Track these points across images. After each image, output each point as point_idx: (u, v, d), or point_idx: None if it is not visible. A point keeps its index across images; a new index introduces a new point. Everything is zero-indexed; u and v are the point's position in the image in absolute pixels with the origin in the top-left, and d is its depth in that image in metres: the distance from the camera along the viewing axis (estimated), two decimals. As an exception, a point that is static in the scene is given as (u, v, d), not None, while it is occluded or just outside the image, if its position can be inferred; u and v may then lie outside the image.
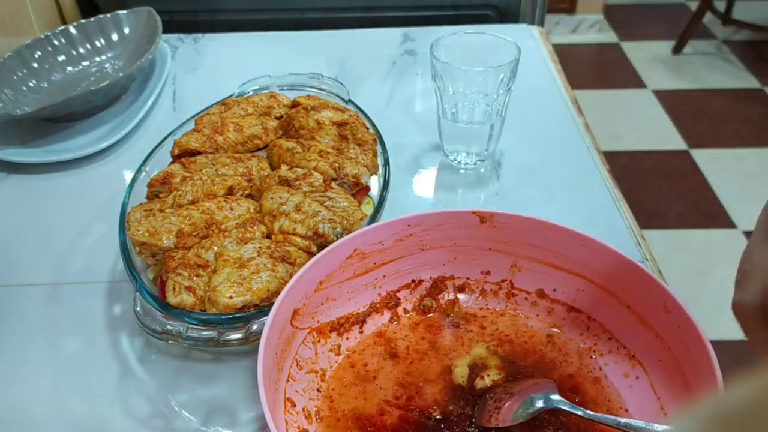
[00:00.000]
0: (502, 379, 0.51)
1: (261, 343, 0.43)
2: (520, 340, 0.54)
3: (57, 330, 0.60)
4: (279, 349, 0.47)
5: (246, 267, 0.54)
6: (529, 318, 0.56)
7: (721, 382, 0.41)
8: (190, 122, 0.73)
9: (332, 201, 0.61)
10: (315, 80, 0.80)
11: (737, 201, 2.00)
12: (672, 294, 0.47)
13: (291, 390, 0.48)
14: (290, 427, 0.45)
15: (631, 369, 0.50)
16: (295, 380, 0.49)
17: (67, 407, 0.54)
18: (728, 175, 2.10)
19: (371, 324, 0.55)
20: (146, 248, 0.57)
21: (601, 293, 0.52)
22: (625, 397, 0.49)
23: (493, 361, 0.52)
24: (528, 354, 0.53)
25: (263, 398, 0.41)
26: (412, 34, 1.04)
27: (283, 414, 0.46)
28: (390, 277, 0.56)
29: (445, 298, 0.57)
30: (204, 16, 1.12)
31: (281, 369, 0.47)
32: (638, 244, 0.66)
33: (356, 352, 0.54)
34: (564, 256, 0.53)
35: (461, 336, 0.55)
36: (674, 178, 2.11)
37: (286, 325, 0.48)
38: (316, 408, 0.49)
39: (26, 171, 0.79)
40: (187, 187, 0.62)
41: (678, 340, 0.47)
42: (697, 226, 1.93)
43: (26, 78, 0.89)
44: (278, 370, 0.47)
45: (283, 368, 0.48)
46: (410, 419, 0.48)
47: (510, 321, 0.56)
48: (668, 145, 2.25)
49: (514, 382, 0.50)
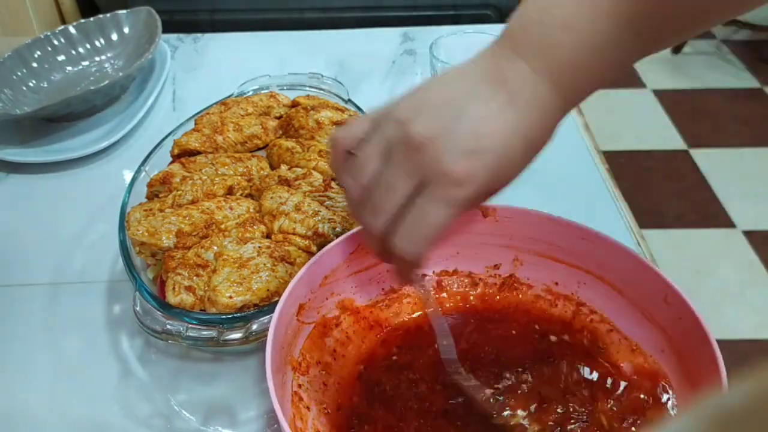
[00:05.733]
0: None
1: (268, 338, 0.44)
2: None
3: (57, 330, 0.60)
4: (286, 343, 0.47)
5: (246, 267, 0.54)
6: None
7: (724, 371, 0.42)
8: (190, 122, 0.73)
9: (332, 201, 0.61)
10: (314, 80, 0.80)
11: (736, 200, 2.00)
12: (673, 285, 0.47)
13: (297, 384, 0.48)
14: (298, 421, 0.46)
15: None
16: (301, 375, 0.49)
17: (66, 407, 0.54)
18: (728, 175, 2.10)
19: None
20: (146, 248, 0.58)
21: (602, 285, 0.53)
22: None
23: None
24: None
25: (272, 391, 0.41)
26: (412, 33, 1.04)
27: (291, 408, 0.46)
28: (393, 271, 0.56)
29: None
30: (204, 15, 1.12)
31: (288, 363, 0.48)
32: (637, 243, 0.66)
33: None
34: (565, 249, 0.54)
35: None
36: (674, 177, 2.11)
37: (292, 319, 0.49)
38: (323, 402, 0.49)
39: (26, 171, 0.79)
40: (186, 186, 0.62)
41: (679, 331, 0.47)
42: (697, 225, 1.93)
43: (26, 78, 0.89)
44: (285, 364, 0.47)
45: (290, 362, 0.48)
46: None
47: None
48: (668, 145, 2.25)
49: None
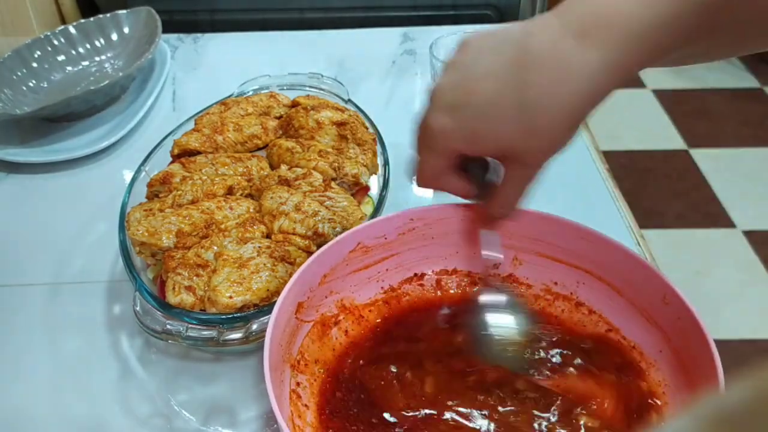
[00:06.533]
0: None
1: (267, 336, 0.44)
2: None
3: (57, 330, 0.60)
4: (284, 341, 0.47)
5: (246, 267, 0.54)
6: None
7: (721, 372, 0.42)
8: (190, 122, 0.73)
9: (332, 201, 0.61)
10: (314, 80, 0.80)
11: (736, 201, 2.00)
12: (671, 285, 0.47)
13: (295, 382, 0.48)
14: (296, 419, 0.46)
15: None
16: (300, 373, 0.49)
17: (66, 407, 0.54)
18: (728, 175, 2.10)
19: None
20: (146, 248, 0.58)
21: (601, 285, 0.53)
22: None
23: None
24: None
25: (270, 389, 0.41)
26: (412, 33, 1.04)
27: (289, 406, 0.46)
28: (393, 270, 0.56)
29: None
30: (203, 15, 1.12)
31: (286, 361, 0.48)
32: (637, 243, 0.66)
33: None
34: (564, 249, 0.54)
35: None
36: (674, 177, 2.11)
37: (291, 317, 0.49)
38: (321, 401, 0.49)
39: (26, 171, 0.79)
40: (186, 186, 0.62)
41: (677, 331, 0.47)
42: (697, 225, 1.93)
43: (26, 78, 0.89)
44: (283, 362, 0.47)
45: (289, 360, 0.48)
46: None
47: None
48: (668, 145, 2.25)
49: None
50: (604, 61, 0.38)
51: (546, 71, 0.39)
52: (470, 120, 0.42)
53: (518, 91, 0.39)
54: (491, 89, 0.40)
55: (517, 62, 0.39)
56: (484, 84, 0.41)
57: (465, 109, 0.41)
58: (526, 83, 0.39)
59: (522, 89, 0.39)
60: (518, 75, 0.39)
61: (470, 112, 0.41)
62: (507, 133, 0.41)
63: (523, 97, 0.39)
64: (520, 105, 0.39)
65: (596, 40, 0.37)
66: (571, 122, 0.40)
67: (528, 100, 0.39)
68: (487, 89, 0.40)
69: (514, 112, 0.40)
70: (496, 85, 0.40)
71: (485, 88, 0.40)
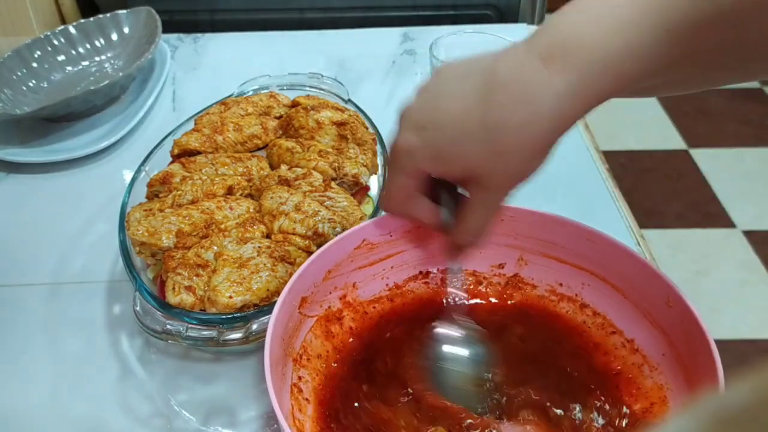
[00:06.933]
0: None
1: (269, 329, 0.44)
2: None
3: (57, 330, 0.60)
4: (287, 336, 0.47)
5: (246, 267, 0.54)
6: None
7: (722, 376, 0.42)
8: (190, 122, 0.73)
9: (332, 201, 0.61)
10: (314, 80, 0.80)
11: (736, 201, 2.00)
12: (675, 288, 0.47)
13: (297, 377, 0.48)
14: (297, 413, 0.46)
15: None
16: (302, 367, 0.49)
17: (66, 407, 0.54)
18: (728, 175, 2.10)
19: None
20: (146, 248, 0.58)
21: (606, 287, 0.53)
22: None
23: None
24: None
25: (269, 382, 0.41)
26: (412, 33, 1.04)
27: (290, 400, 0.46)
28: (397, 268, 0.56)
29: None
30: (204, 15, 1.11)
31: (288, 355, 0.48)
32: (637, 243, 0.66)
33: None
34: (570, 250, 0.54)
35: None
36: (673, 177, 2.11)
37: (294, 312, 0.49)
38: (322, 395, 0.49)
39: (26, 171, 0.79)
40: (186, 186, 0.62)
41: (680, 333, 0.47)
42: (697, 225, 1.93)
43: (26, 78, 0.89)
44: (285, 356, 0.47)
45: (291, 354, 0.48)
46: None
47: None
48: (667, 145, 2.25)
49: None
50: (568, 86, 0.38)
51: (511, 93, 0.39)
52: (436, 139, 0.42)
53: (484, 111, 0.40)
54: (458, 109, 0.41)
55: (484, 84, 0.40)
56: (451, 104, 0.41)
57: (432, 128, 0.42)
58: (491, 104, 0.40)
59: (487, 110, 0.40)
60: (484, 96, 0.40)
61: (437, 131, 0.42)
62: (472, 154, 0.41)
63: (489, 118, 0.40)
64: (486, 125, 0.40)
65: (560, 65, 0.38)
66: (535, 146, 0.40)
67: (493, 121, 0.40)
68: (454, 109, 0.41)
69: (479, 133, 0.40)
70: (463, 105, 0.41)
71: (452, 108, 0.41)
